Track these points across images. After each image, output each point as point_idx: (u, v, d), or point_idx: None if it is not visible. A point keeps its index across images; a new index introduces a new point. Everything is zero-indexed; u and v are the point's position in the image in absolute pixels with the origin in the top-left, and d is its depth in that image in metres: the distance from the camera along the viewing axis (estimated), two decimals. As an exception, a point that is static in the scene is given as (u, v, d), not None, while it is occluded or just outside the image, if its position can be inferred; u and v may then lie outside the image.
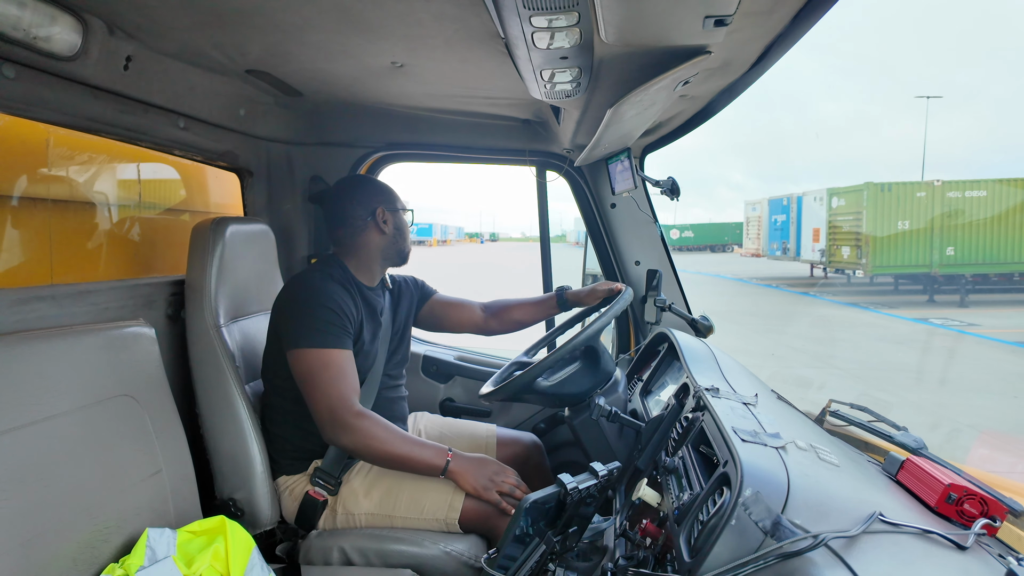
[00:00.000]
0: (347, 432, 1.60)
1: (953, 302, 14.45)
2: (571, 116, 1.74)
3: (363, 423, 1.61)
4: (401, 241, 1.90)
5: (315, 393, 1.62)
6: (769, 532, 0.81)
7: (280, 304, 1.74)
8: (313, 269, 1.80)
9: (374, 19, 1.31)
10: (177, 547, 1.29)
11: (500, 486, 1.66)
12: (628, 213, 2.34)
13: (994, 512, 0.92)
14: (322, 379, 1.62)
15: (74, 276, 1.77)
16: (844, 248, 17.67)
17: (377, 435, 1.62)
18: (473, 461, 1.69)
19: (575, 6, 1.00)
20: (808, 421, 1.38)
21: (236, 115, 1.98)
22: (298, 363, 1.64)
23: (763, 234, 25.38)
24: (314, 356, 1.63)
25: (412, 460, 1.65)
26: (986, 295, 14.98)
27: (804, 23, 1.17)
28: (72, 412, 1.22)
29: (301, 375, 1.64)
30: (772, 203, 24.48)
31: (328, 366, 1.63)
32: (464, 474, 1.66)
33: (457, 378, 2.53)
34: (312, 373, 1.62)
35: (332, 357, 1.64)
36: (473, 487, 1.65)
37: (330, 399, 1.61)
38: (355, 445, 1.62)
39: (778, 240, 23.63)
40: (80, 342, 1.28)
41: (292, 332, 1.66)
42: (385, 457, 1.64)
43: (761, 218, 25.23)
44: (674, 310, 2.20)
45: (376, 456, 1.64)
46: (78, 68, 1.34)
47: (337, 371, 1.63)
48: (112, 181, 1.96)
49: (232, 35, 1.44)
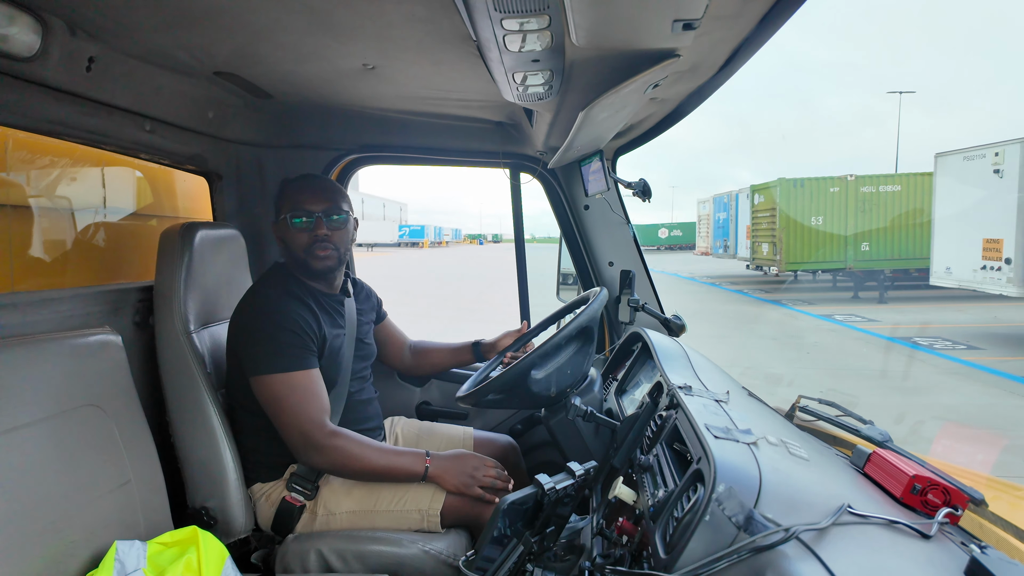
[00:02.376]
0: (321, 454, 1.60)
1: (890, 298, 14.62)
2: (544, 119, 1.75)
3: (337, 442, 1.60)
4: (290, 254, 1.76)
5: (284, 418, 1.60)
6: (742, 526, 0.83)
7: (237, 326, 1.69)
8: (267, 284, 1.75)
9: (344, 21, 1.30)
10: (148, 559, 1.26)
11: (481, 481, 1.67)
12: (601, 215, 2.36)
13: (956, 501, 0.95)
14: (289, 404, 1.59)
15: (36, 283, 1.72)
16: (764, 245, 17.82)
17: (352, 453, 1.61)
18: (452, 459, 1.69)
19: (546, 9, 1.01)
20: (778, 417, 1.41)
21: (204, 117, 1.94)
22: (263, 389, 1.61)
23: (709, 233, 25.63)
24: (278, 381, 1.60)
25: (391, 470, 1.65)
26: (906, 291, 14.96)
27: (770, 26, 1.20)
28: (36, 423, 1.19)
29: (267, 401, 1.61)
30: (716, 201, 24.38)
31: (294, 390, 1.60)
32: (444, 475, 1.67)
33: (433, 382, 2.52)
34: (278, 399, 1.60)
35: (297, 380, 1.61)
36: (455, 486, 1.66)
37: (300, 423, 1.59)
38: (332, 465, 1.62)
39: (721, 238, 23.70)
40: (43, 351, 1.25)
41: (253, 358, 1.62)
42: (363, 473, 1.65)
43: (709, 216, 25.44)
44: (647, 310, 2.22)
45: (354, 473, 1.65)
46: (38, 69, 1.30)
47: (303, 393, 1.61)
48: (75, 185, 1.91)
49: (199, 36, 1.42)
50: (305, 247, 1.73)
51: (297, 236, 1.74)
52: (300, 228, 1.73)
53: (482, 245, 76.92)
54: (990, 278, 10.52)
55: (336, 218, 1.76)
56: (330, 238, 1.74)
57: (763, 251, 17.90)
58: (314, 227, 1.73)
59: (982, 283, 10.80)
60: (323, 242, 1.73)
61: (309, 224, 1.73)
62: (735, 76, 1.50)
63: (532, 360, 1.65)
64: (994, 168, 10.45)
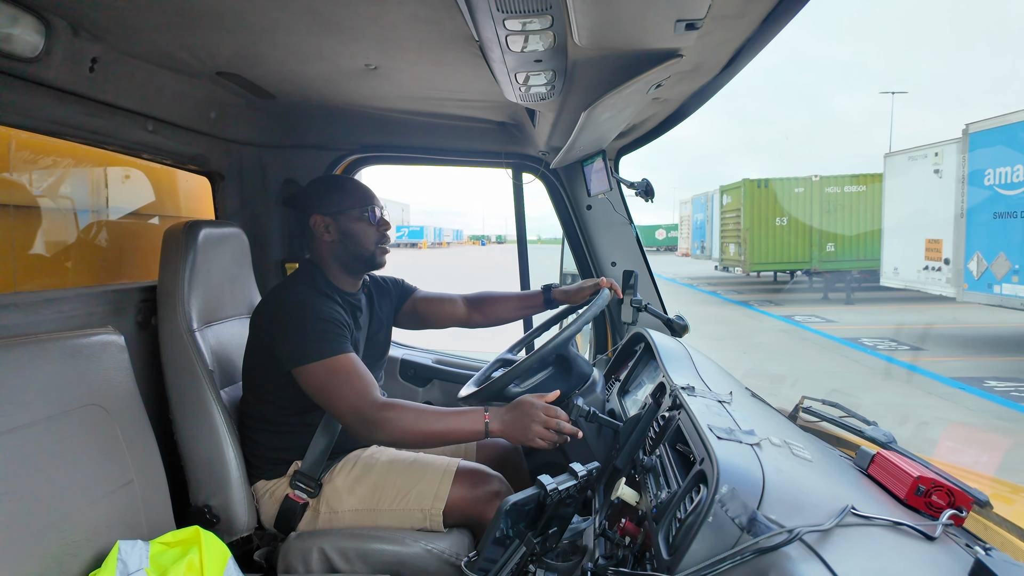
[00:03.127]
0: (378, 427, 1.55)
1: (857, 299, 14.45)
2: (546, 119, 1.75)
3: (391, 414, 1.56)
4: (354, 246, 1.80)
5: (335, 401, 1.59)
6: (745, 528, 0.82)
7: (269, 321, 1.69)
8: (296, 282, 1.75)
9: (346, 21, 1.30)
10: (150, 559, 1.26)
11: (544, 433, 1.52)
12: (604, 215, 2.36)
13: (961, 503, 0.94)
14: (336, 386, 1.59)
15: (39, 283, 1.72)
16: (731, 245, 17.71)
17: (409, 420, 1.56)
18: (511, 411, 1.57)
19: (549, 9, 1.01)
20: (782, 418, 1.41)
21: (207, 118, 1.94)
22: (308, 379, 1.61)
23: (689, 234, 25.46)
24: (322, 368, 1.60)
25: (451, 433, 1.57)
26: (873, 292, 14.54)
27: (774, 26, 1.19)
28: (38, 423, 1.19)
29: (315, 390, 1.61)
30: (695, 201, 24.16)
31: (337, 372, 1.60)
32: (507, 430, 1.55)
33: (435, 381, 2.52)
34: (325, 385, 1.60)
35: (339, 363, 1.61)
36: (521, 441, 1.54)
37: (351, 402, 1.57)
38: (392, 437, 1.57)
39: (699, 239, 23.52)
40: (46, 351, 1.25)
41: (293, 350, 1.62)
42: (424, 439, 1.58)
43: (690, 217, 25.21)
44: (650, 310, 2.22)
45: (415, 440, 1.58)
46: (41, 70, 1.30)
47: (348, 373, 1.60)
48: (78, 185, 1.92)
49: (202, 36, 1.42)
50: (376, 241, 1.82)
51: (368, 230, 1.81)
52: (369, 223, 1.81)
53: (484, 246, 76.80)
54: (932, 278, 10.55)
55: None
56: (387, 236, 1.86)
57: (730, 252, 17.84)
58: (381, 224, 1.83)
59: (925, 283, 10.83)
60: (386, 239, 1.85)
61: (378, 221, 1.83)
62: (740, 74, 1.50)
63: (534, 361, 1.65)
64: (934, 168, 10.50)
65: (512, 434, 1.54)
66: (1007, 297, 8.76)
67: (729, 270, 19.26)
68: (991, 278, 9.02)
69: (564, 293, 2.09)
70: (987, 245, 9.11)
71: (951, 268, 9.88)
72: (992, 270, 9.00)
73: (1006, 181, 8.73)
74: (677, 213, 30.00)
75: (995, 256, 8.94)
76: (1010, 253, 8.70)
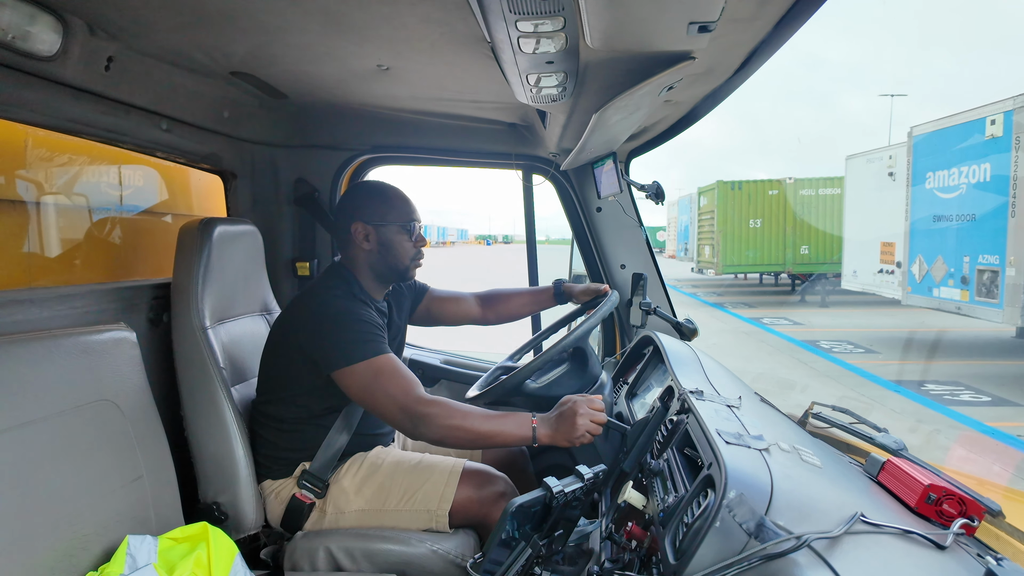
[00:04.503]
0: (426, 423, 1.55)
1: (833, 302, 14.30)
2: (557, 120, 1.75)
3: (438, 410, 1.55)
4: (391, 258, 1.79)
5: (380, 402, 1.59)
6: (753, 534, 0.82)
7: (306, 325, 1.68)
8: (329, 286, 1.75)
9: (359, 22, 1.30)
10: (158, 554, 1.27)
11: (591, 427, 1.53)
12: (614, 217, 2.35)
13: (972, 512, 0.93)
14: (380, 386, 1.59)
15: (54, 279, 1.74)
16: (706, 247, 17.56)
17: (456, 418, 1.55)
18: (558, 419, 1.56)
19: (561, 11, 1.01)
20: (791, 423, 1.40)
21: (220, 117, 1.96)
22: (350, 381, 1.61)
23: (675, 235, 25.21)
24: (363, 369, 1.60)
25: (497, 435, 1.56)
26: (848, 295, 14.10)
27: (788, 28, 1.19)
28: (50, 418, 1.20)
29: (358, 391, 1.61)
30: (680, 203, 23.91)
31: (380, 372, 1.60)
32: (555, 436, 1.55)
33: (443, 382, 2.52)
34: (368, 386, 1.60)
35: (380, 363, 1.61)
36: (570, 441, 1.54)
37: (397, 400, 1.57)
38: (438, 433, 1.56)
39: (683, 241, 23.29)
40: (59, 347, 1.26)
41: (333, 353, 1.62)
42: (470, 439, 1.57)
43: (676, 219, 24.99)
44: (659, 313, 2.21)
45: (461, 439, 1.57)
46: (58, 68, 1.32)
47: (390, 372, 1.61)
48: (93, 183, 1.94)
49: (216, 37, 1.43)
50: (412, 256, 1.82)
51: (406, 244, 1.80)
52: (409, 238, 1.80)
53: (489, 246, 76.79)
54: (886, 281, 10.53)
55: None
56: (422, 252, 1.86)
57: (705, 253, 17.73)
58: (419, 240, 1.83)
59: (879, 287, 10.78)
60: (421, 255, 1.85)
61: (417, 236, 1.82)
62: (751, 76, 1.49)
63: (542, 362, 1.65)
64: (888, 171, 10.50)
65: (561, 436, 1.53)
66: (944, 300, 8.82)
67: (704, 272, 19.16)
68: (931, 282, 9.06)
69: (571, 289, 2.12)
70: (928, 249, 9.15)
71: (902, 272, 9.89)
72: (932, 274, 9.03)
73: (944, 185, 8.75)
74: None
75: (934, 260, 8.97)
76: (947, 257, 8.73)
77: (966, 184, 8.30)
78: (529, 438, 1.55)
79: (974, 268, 8.17)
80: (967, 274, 8.28)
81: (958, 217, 8.47)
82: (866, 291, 11.40)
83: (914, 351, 9.34)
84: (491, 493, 1.71)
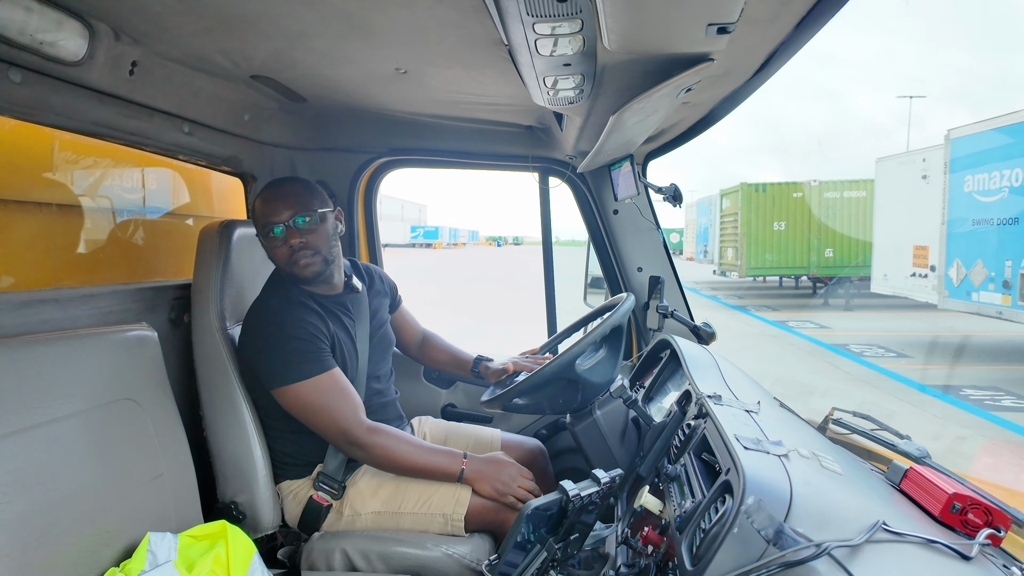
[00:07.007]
0: (364, 450, 1.64)
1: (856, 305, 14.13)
2: (574, 123, 1.74)
3: (378, 439, 1.64)
4: (279, 265, 1.72)
5: (321, 422, 1.63)
6: (771, 541, 0.81)
7: (247, 342, 1.69)
8: (270, 295, 1.75)
9: (377, 26, 1.31)
10: (178, 551, 1.29)
11: (515, 491, 1.67)
12: (630, 220, 2.34)
13: (999, 522, 0.91)
14: (322, 407, 1.62)
15: (78, 280, 1.77)
16: (729, 250, 17.37)
17: (393, 448, 1.66)
18: (488, 464, 1.70)
19: (578, 13, 1.01)
20: (811, 429, 1.38)
21: (241, 120, 1.98)
22: (289, 400, 1.62)
23: (693, 237, 24.91)
24: (303, 389, 1.61)
25: (429, 468, 1.68)
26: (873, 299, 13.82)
27: (808, 30, 1.17)
28: (74, 416, 1.22)
29: (298, 410, 1.63)
30: (699, 205, 23.70)
31: (323, 392, 1.62)
32: (479, 479, 1.68)
33: (459, 384, 2.53)
34: (308, 406, 1.62)
35: (322, 382, 1.62)
36: (488, 492, 1.67)
37: (338, 423, 1.62)
38: (374, 461, 1.67)
39: (702, 243, 23.05)
40: (83, 346, 1.28)
41: (271, 371, 1.62)
42: (403, 468, 1.68)
43: (695, 221, 24.74)
44: (676, 317, 2.19)
45: (394, 468, 1.69)
46: (84, 73, 1.34)
47: (333, 395, 1.63)
48: (116, 185, 1.97)
49: (237, 41, 1.45)
50: (286, 260, 1.68)
51: (275, 251, 1.69)
52: (275, 242, 1.68)
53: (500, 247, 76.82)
54: (919, 285, 10.34)
55: (306, 220, 1.67)
56: (307, 243, 1.67)
57: (728, 256, 17.57)
58: (287, 237, 1.66)
59: (912, 290, 10.60)
60: (301, 250, 1.67)
61: (282, 236, 1.66)
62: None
63: (560, 365, 1.64)
64: (922, 174, 10.33)
65: (482, 485, 1.67)
66: (984, 305, 8.63)
67: (727, 275, 18.99)
68: (970, 286, 8.87)
69: (487, 369, 2.08)
70: (966, 252, 8.96)
71: (936, 275, 9.72)
72: (970, 278, 8.85)
73: (984, 188, 8.58)
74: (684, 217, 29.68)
75: (973, 263, 8.78)
76: (987, 261, 8.55)
77: (1008, 187, 8.15)
78: (455, 475, 1.68)
79: (1016, 272, 8.00)
80: (1009, 278, 8.12)
81: (999, 220, 8.31)
82: (898, 295, 11.21)
83: (948, 355, 9.18)
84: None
